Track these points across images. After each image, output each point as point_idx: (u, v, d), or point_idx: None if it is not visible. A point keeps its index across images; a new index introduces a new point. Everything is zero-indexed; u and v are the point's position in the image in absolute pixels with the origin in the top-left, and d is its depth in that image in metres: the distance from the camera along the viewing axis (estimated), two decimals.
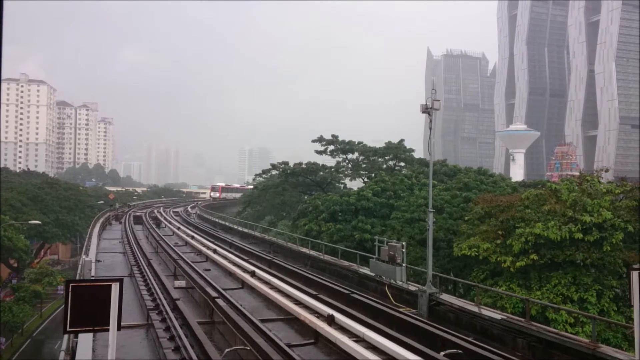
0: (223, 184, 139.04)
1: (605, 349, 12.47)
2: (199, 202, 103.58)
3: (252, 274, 23.92)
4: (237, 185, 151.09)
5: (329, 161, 62.49)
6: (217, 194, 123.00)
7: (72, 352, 12.95)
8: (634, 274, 9.84)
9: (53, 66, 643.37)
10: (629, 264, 20.63)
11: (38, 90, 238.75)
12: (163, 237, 41.64)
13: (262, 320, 16.42)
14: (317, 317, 16.00)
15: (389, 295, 20.23)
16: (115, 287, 7.33)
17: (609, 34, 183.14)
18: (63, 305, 7.51)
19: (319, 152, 60.56)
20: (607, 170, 30.03)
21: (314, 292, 19.70)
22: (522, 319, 15.07)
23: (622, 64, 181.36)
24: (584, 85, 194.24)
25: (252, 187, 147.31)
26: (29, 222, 51.28)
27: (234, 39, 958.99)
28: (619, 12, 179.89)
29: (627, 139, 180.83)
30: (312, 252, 30.69)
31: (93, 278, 21.15)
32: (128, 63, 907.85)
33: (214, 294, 19.01)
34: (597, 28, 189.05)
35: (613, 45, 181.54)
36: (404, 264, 20.30)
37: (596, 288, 20.90)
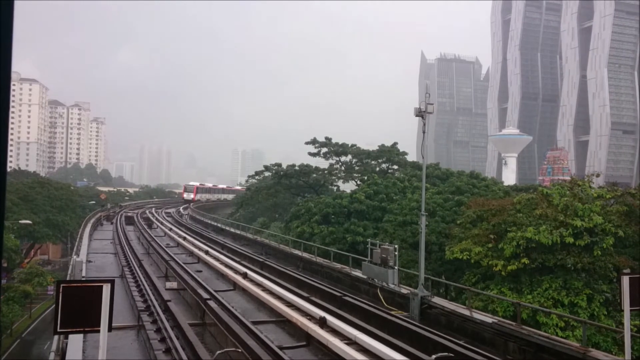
0: (198, 184, 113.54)
1: (596, 353, 12.55)
2: (191, 203, 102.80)
3: (244, 275, 23.84)
4: (210, 185, 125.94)
5: (322, 163, 62.58)
6: (192, 196, 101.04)
7: (62, 353, 12.87)
8: (625, 279, 9.93)
9: (45, 65, 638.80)
10: (619, 269, 20.77)
11: (30, 89, 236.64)
12: (155, 238, 41.42)
13: (254, 322, 16.38)
14: (309, 319, 15.98)
15: (381, 298, 20.23)
16: (106, 288, 7.28)
17: (601, 40, 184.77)
18: (53, 306, 7.46)
19: (312, 154, 60.61)
20: (598, 175, 30.30)
21: (306, 295, 19.68)
22: (513, 323, 15.13)
23: (614, 70, 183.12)
24: (576, 90, 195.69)
25: (224, 186, 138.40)
26: (20, 221, 50.97)
27: (229, 41, 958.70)
28: (612, 19, 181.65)
29: (618, 144, 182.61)
30: (305, 254, 30.64)
31: (84, 279, 21.02)
32: (121, 63, 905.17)
33: (205, 295, 18.92)
34: (590, 34, 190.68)
35: (605, 51, 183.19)
36: (396, 267, 20.31)
37: (587, 292, 21.03)
